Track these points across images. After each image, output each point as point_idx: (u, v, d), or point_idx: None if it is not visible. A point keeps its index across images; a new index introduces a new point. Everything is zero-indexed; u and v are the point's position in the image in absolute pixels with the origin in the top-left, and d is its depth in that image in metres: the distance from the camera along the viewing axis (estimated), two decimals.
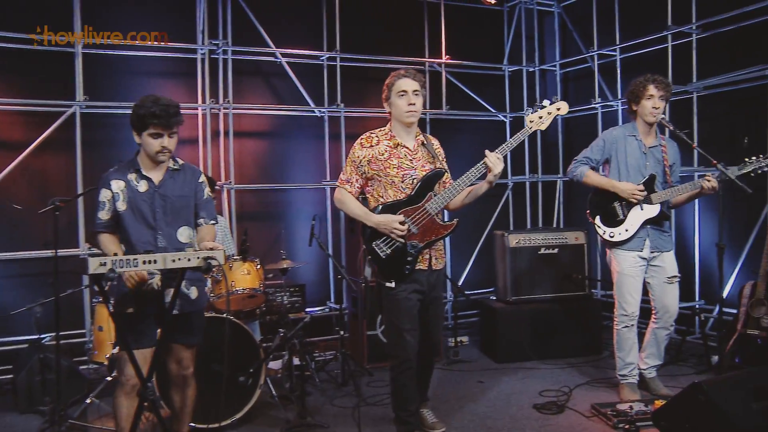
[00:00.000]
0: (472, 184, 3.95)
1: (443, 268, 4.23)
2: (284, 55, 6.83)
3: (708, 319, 6.19)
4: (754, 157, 4.58)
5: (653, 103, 4.69)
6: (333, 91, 7.04)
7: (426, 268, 4.00)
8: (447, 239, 4.11)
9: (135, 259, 2.91)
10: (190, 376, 3.73)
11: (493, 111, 8.01)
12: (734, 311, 6.09)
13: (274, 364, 5.83)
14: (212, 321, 4.35)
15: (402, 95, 3.92)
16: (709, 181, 4.57)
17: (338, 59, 6.99)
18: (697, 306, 6.39)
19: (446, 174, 4.11)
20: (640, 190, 4.71)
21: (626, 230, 4.81)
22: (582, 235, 6.40)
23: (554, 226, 8.12)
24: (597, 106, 7.36)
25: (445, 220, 4.04)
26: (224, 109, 6.47)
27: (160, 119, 3.42)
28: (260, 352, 4.61)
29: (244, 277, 4.95)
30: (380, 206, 3.93)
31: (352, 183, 4.03)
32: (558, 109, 4.00)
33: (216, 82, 6.48)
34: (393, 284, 3.91)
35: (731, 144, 6.22)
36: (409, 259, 3.90)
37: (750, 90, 5.98)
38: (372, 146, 3.99)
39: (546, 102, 4.02)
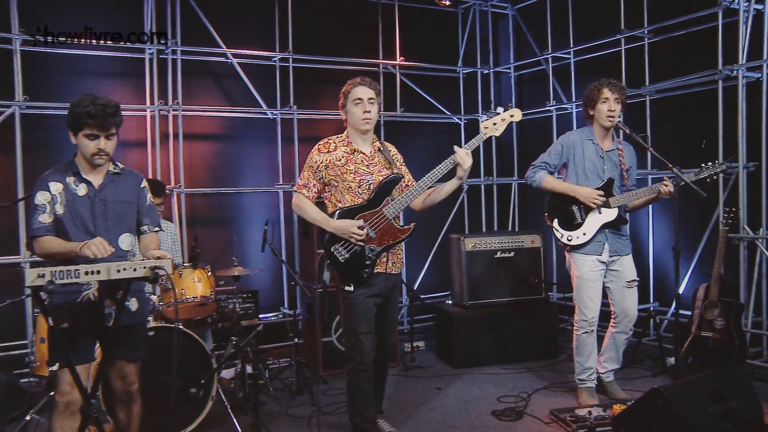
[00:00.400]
0: (433, 186, 3.99)
1: (400, 273, 4.24)
2: (235, 55, 6.67)
3: (663, 321, 6.24)
4: (710, 163, 4.60)
5: (609, 107, 4.69)
6: (285, 93, 6.90)
7: (383, 272, 4.02)
8: (402, 243, 4.07)
9: (77, 270, 2.74)
10: (135, 392, 3.55)
11: (448, 113, 7.97)
12: (689, 313, 6.19)
13: (227, 373, 5.66)
14: (161, 331, 4.17)
15: (358, 103, 3.97)
16: (666, 185, 4.58)
17: (291, 60, 6.86)
18: (652, 308, 6.44)
19: (405, 178, 4.15)
20: (599, 195, 4.69)
21: (584, 234, 4.79)
22: (538, 239, 6.38)
23: (510, 229, 8.12)
24: (552, 108, 7.37)
25: (402, 224, 4.07)
26: (173, 110, 6.27)
27: (96, 119, 3.21)
28: (212, 362, 4.45)
29: (195, 284, 4.79)
30: (338, 211, 3.94)
31: (309, 188, 4.04)
32: (511, 116, 4.05)
33: (165, 83, 6.29)
34: (352, 288, 3.93)
35: (684, 147, 6.29)
36: (367, 263, 3.93)
37: (702, 94, 6.05)
38: (329, 152, 4.02)
39: (500, 109, 4.09)
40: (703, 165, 4.60)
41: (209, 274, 4.92)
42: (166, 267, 2.90)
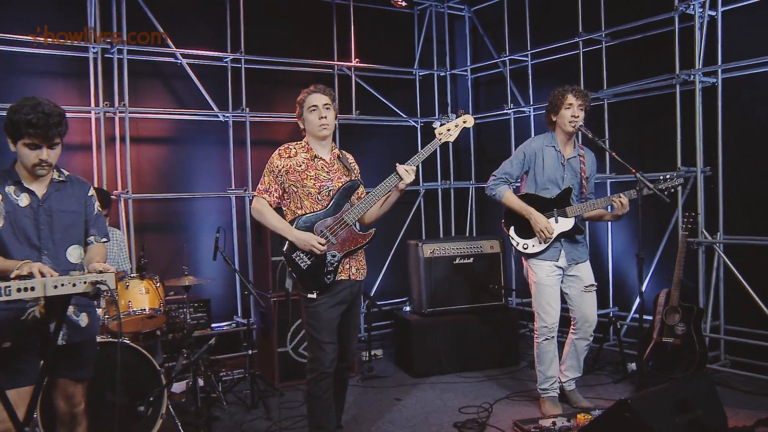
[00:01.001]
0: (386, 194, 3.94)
1: (363, 280, 4.10)
2: (185, 56, 6.43)
3: (624, 326, 6.20)
4: (668, 175, 4.56)
5: (572, 113, 4.62)
6: (237, 95, 6.68)
7: (346, 279, 3.92)
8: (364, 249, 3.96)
9: (8, 287, 2.51)
10: (80, 414, 3.31)
11: (404, 116, 7.84)
12: (649, 318, 6.17)
13: (178, 387, 5.42)
14: (106, 346, 3.93)
15: (313, 110, 3.90)
16: (620, 197, 4.55)
17: (243, 61, 6.64)
18: (611, 313, 6.41)
19: (361, 186, 4.06)
20: (549, 231, 4.62)
21: (539, 242, 4.72)
22: (497, 244, 6.29)
23: (468, 234, 8.03)
24: (509, 111, 7.30)
25: (359, 230, 3.97)
26: (120, 112, 6.00)
27: (38, 129, 2.95)
28: (161, 378, 4.22)
29: (142, 296, 4.56)
30: (300, 219, 3.83)
31: (270, 193, 3.92)
32: (464, 122, 4.06)
33: (110, 84, 6.01)
34: (315, 295, 3.81)
35: (642, 151, 6.28)
36: (329, 269, 3.83)
37: (659, 98, 6.04)
38: (290, 157, 3.92)
39: (452, 115, 4.13)
40: (661, 177, 4.55)
41: (158, 284, 4.70)
42: (109, 282, 2.69)
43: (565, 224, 4.71)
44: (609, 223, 6.45)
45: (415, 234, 7.84)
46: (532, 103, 7.18)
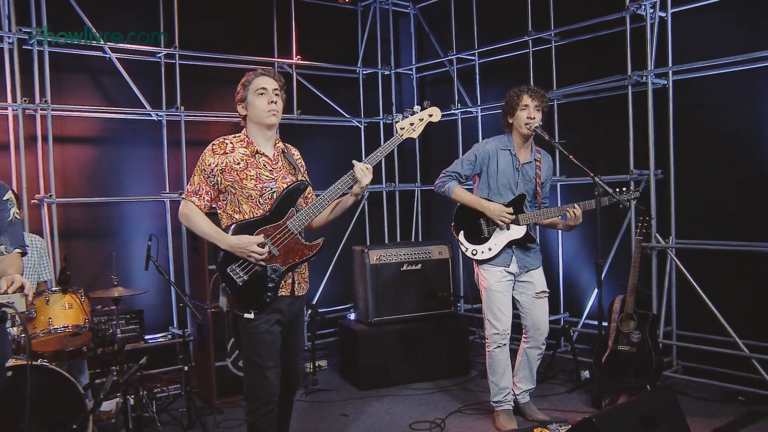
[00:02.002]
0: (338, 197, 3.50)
1: (305, 294, 3.69)
2: (114, 50, 6.00)
3: (575, 332, 6.05)
4: (624, 188, 4.39)
5: (528, 114, 4.42)
6: (172, 93, 6.28)
7: (288, 295, 3.47)
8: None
9: None
10: None
11: (348, 116, 7.56)
12: (595, 322, 6.05)
13: (108, 405, 5.00)
14: (20, 370, 3.52)
15: (261, 93, 3.41)
16: (574, 208, 4.38)
17: (177, 57, 6.25)
18: (562, 319, 6.27)
19: (309, 188, 3.62)
20: (508, 213, 4.42)
21: (490, 249, 4.53)
22: (446, 249, 6.07)
23: (413, 238, 7.80)
24: (456, 112, 7.09)
25: (305, 239, 3.51)
26: (41, 109, 5.54)
27: None
28: (86, 402, 3.83)
29: (65, 312, 4.17)
30: (234, 225, 3.36)
31: (201, 195, 3.42)
32: (430, 116, 3.60)
33: (30, 79, 5.53)
34: (252, 315, 3.35)
35: (593, 153, 6.14)
36: (270, 285, 3.37)
37: (609, 99, 5.93)
38: (226, 153, 3.40)
39: (417, 108, 3.62)
40: (617, 190, 4.36)
41: (83, 298, 4.30)
42: (17, 305, 2.33)
43: (517, 232, 4.52)
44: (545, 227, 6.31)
45: (359, 239, 7.56)
46: (479, 104, 6.99)
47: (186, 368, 4.91)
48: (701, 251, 5.34)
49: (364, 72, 7.73)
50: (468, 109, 7.06)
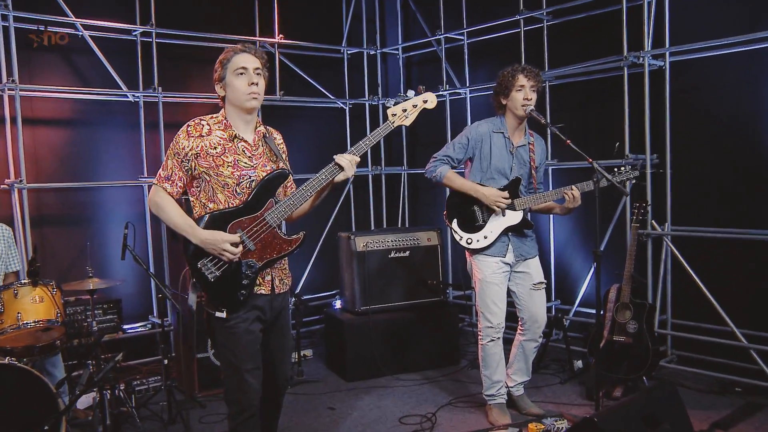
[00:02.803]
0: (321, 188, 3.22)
1: (288, 290, 3.43)
2: (87, 27, 5.70)
3: (567, 320, 5.89)
4: (623, 168, 4.22)
5: (524, 95, 4.22)
6: (149, 73, 6.01)
7: (268, 293, 3.22)
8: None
9: None
10: None
11: (332, 97, 7.32)
12: (589, 311, 5.92)
13: (84, 400, 4.81)
14: None
15: (241, 73, 3.10)
16: (572, 190, 4.19)
17: (154, 35, 5.97)
18: (554, 306, 6.12)
19: (290, 177, 3.35)
20: (504, 197, 4.24)
21: (485, 237, 4.34)
22: (435, 236, 5.88)
23: (400, 224, 7.61)
24: (445, 93, 6.87)
25: (285, 233, 3.23)
26: (9, 90, 5.24)
27: None
28: (58, 402, 3.62)
29: (35, 306, 3.92)
30: (207, 216, 3.09)
31: (173, 182, 3.13)
32: (425, 102, 3.32)
33: None
34: (224, 314, 3.10)
35: (586, 136, 5.97)
36: (244, 282, 3.10)
37: (604, 81, 5.75)
38: (202, 136, 3.10)
39: (410, 92, 3.34)
40: (616, 169, 4.21)
41: (54, 291, 4.05)
42: None
43: (513, 217, 4.34)
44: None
45: (344, 224, 7.35)
46: (468, 85, 6.78)
47: (166, 361, 4.70)
48: (697, 239, 5.19)
49: (348, 52, 7.48)
50: (456, 90, 6.85)
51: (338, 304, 6.05)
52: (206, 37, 6.32)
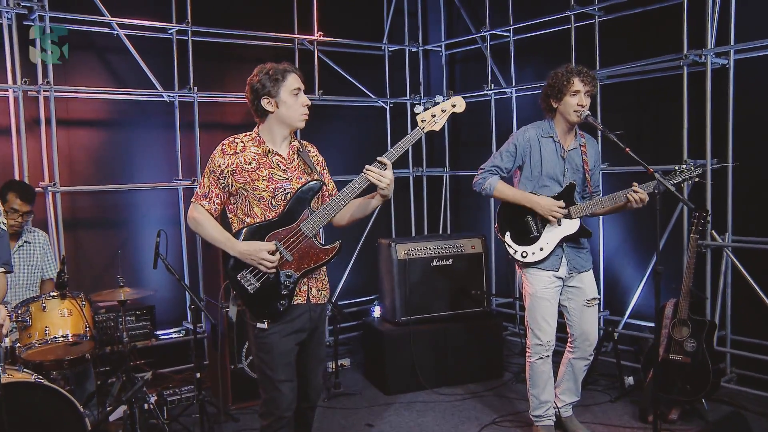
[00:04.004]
0: (359, 195, 3.15)
1: (327, 302, 3.37)
2: (122, 26, 5.56)
3: (619, 334, 5.55)
4: (684, 165, 3.93)
5: (579, 100, 3.93)
6: (184, 72, 5.84)
7: (304, 303, 3.19)
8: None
9: None
10: None
11: (373, 96, 7.08)
12: (640, 323, 5.62)
13: (115, 413, 4.66)
14: (12, 389, 3.16)
15: (297, 93, 3.14)
16: (636, 192, 3.87)
17: (190, 33, 5.80)
18: (602, 318, 5.81)
19: (326, 186, 3.33)
20: (560, 207, 3.97)
21: (541, 249, 4.06)
22: (479, 243, 5.62)
23: (442, 228, 7.35)
24: (490, 93, 6.59)
25: (323, 243, 3.19)
26: (44, 91, 5.12)
27: None
28: (86, 423, 3.46)
29: (63, 320, 3.78)
30: (244, 230, 3.11)
31: (210, 199, 3.16)
32: (453, 106, 3.26)
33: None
34: (265, 325, 3.11)
35: (639, 139, 5.65)
36: (284, 292, 3.11)
37: (658, 81, 5.43)
38: (236, 153, 3.13)
39: (439, 98, 3.28)
40: (677, 168, 3.92)
41: (84, 303, 3.91)
42: None
43: (570, 227, 4.06)
44: (600, 218, 5.81)
45: (383, 228, 7.12)
46: (514, 84, 6.49)
47: (198, 375, 4.53)
48: (761, 250, 4.85)
49: (389, 49, 7.23)
50: (502, 90, 6.56)
51: (377, 311, 5.82)
52: (243, 35, 6.15)
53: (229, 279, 3.15)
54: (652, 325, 5.52)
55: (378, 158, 3.07)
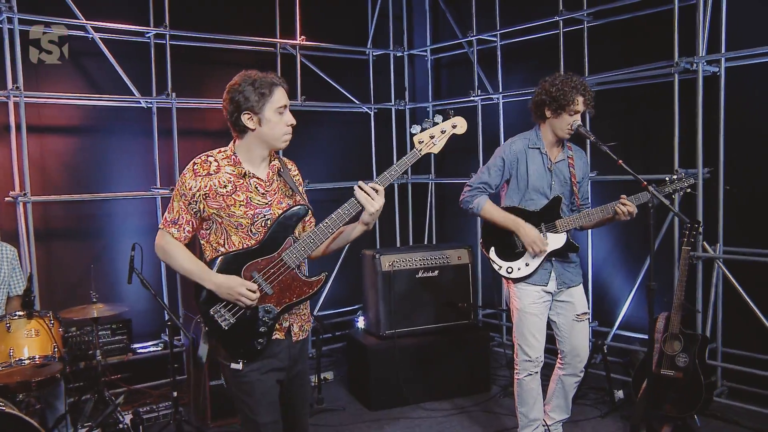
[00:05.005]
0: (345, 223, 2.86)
1: (308, 336, 3.11)
2: (98, 29, 5.38)
3: (608, 346, 5.44)
4: (675, 175, 3.81)
5: (576, 120, 3.80)
6: (162, 77, 5.66)
7: (283, 338, 2.88)
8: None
9: None
10: None
11: (357, 102, 6.94)
12: (630, 334, 5.51)
13: None
14: None
15: (282, 112, 2.80)
16: (624, 204, 3.75)
17: (168, 37, 5.62)
18: (591, 329, 5.69)
19: (311, 213, 2.99)
20: (543, 244, 3.85)
21: (526, 264, 3.94)
22: (465, 253, 5.48)
23: (427, 237, 7.22)
24: (476, 99, 6.46)
25: (306, 275, 2.89)
26: (14, 96, 4.93)
27: None
28: None
29: (30, 340, 3.60)
30: (221, 258, 2.77)
31: (180, 226, 2.82)
32: (454, 127, 2.95)
33: (1, 62, 4.95)
34: (240, 366, 2.78)
35: (627, 147, 5.53)
36: (262, 329, 2.79)
37: (648, 88, 5.33)
38: (210, 174, 2.79)
39: (438, 117, 2.95)
40: (667, 178, 3.81)
41: (52, 323, 3.73)
42: None
43: (556, 241, 3.93)
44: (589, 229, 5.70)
45: (368, 237, 6.95)
46: (501, 90, 6.36)
47: (175, 393, 4.36)
48: (752, 262, 4.75)
49: (374, 53, 7.10)
50: (489, 96, 6.44)
51: (361, 321, 5.67)
52: (223, 39, 5.99)
53: (201, 313, 2.84)
54: (642, 336, 5.43)
55: (370, 184, 2.79)
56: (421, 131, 2.90)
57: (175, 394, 4.28)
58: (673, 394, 4.33)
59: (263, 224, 2.80)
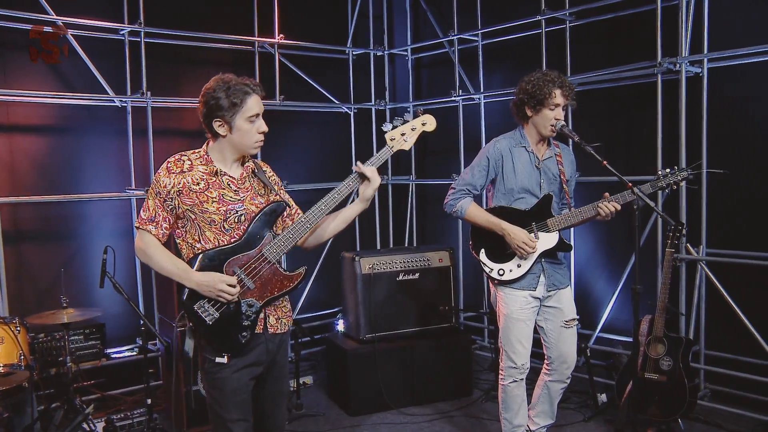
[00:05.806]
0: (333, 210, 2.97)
1: (288, 330, 3.07)
2: (70, 26, 5.23)
3: (591, 349, 5.38)
4: (668, 170, 3.73)
5: (557, 114, 3.73)
6: (137, 76, 5.52)
7: (260, 332, 2.89)
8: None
9: None
10: None
11: (336, 102, 6.84)
12: (613, 337, 5.47)
13: None
14: None
15: (254, 121, 2.82)
16: (606, 205, 3.68)
17: (143, 35, 5.48)
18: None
19: (288, 208, 3.05)
20: (532, 242, 3.75)
21: (518, 266, 3.84)
22: (446, 256, 5.41)
23: (407, 239, 7.14)
24: (458, 99, 6.39)
25: (285, 268, 2.93)
26: None
27: None
28: None
29: None
30: (201, 255, 2.79)
31: (158, 223, 2.85)
32: (423, 124, 3.10)
33: None
34: (225, 359, 2.82)
35: (610, 147, 5.48)
36: (245, 323, 2.83)
37: (631, 89, 5.29)
38: (183, 172, 2.83)
39: (408, 115, 3.10)
40: (660, 173, 3.73)
41: (18, 329, 3.59)
42: None
43: (548, 240, 3.83)
44: (571, 229, 5.64)
45: (347, 239, 6.88)
46: (482, 90, 6.29)
47: (149, 401, 4.23)
48: (735, 263, 4.72)
49: (354, 53, 7.00)
50: (470, 96, 6.37)
51: (340, 324, 5.58)
52: (200, 37, 5.86)
53: (185, 311, 2.85)
54: (625, 339, 5.39)
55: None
56: (392, 129, 3.04)
57: (149, 401, 4.15)
58: (657, 397, 4.28)
59: (236, 220, 2.84)
